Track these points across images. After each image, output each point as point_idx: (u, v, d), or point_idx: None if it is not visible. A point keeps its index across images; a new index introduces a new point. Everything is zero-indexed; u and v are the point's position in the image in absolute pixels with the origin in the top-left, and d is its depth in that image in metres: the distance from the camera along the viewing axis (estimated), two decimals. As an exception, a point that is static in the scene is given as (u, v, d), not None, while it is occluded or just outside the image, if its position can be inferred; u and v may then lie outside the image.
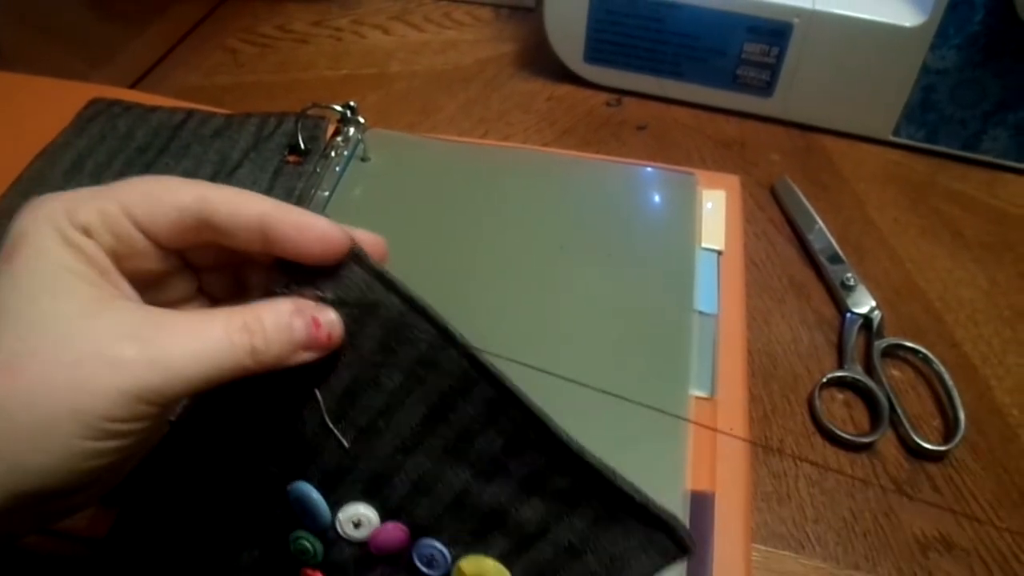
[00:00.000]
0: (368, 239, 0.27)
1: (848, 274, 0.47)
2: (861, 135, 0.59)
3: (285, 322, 0.24)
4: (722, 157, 0.58)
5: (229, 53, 0.68)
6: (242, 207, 0.25)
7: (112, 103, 0.54)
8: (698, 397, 0.39)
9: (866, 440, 0.40)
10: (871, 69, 0.55)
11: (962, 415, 0.41)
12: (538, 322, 0.41)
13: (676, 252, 0.45)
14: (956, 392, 0.42)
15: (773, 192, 0.54)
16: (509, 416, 0.25)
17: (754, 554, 0.36)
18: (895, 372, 0.44)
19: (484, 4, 0.73)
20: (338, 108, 0.51)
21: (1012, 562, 0.36)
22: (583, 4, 0.59)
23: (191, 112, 0.54)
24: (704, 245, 0.45)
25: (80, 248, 0.23)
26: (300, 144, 0.50)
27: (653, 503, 0.25)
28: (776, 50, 0.56)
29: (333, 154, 0.49)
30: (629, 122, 0.61)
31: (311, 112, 0.51)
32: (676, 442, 0.36)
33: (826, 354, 0.45)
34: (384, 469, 0.27)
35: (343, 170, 0.49)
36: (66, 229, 0.23)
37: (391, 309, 0.25)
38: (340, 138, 0.50)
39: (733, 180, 0.50)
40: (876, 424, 0.41)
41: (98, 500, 0.24)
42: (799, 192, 0.53)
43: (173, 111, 0.54)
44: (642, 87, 0.62)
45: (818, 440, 0.41)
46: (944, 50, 0.52)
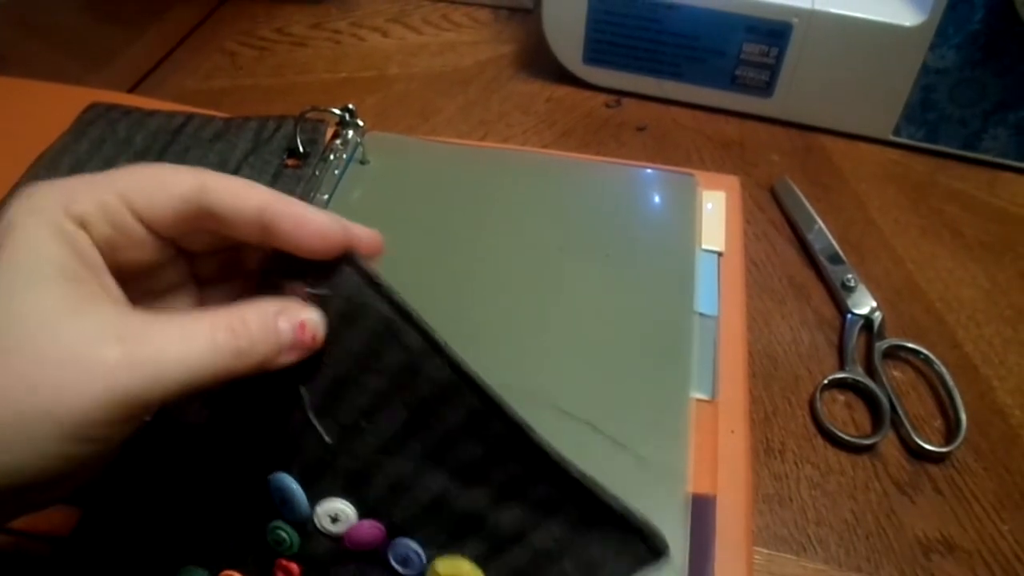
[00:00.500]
0: (365, 234, 0.27)
1: (849, 275, 0.47)
2: (861, 135, 0.59)
3: (271, 324, 0.24)
4: (722, 158, 0.58)
5: (227, 56, 0.68)
6: (242, 197, 0.25)
7: (110, 107, 0.54)
8: (699, 399, 0.39)
9: (867, 442, 0.40)
10: (871, 69, 0.55)
11: (963, 416, 0.40)
12: (538, 324, 0.41)
13: (676, 254, 0.45)
14: (957, 393, 0.41)
15: (773, 193, 0.54)
16: (492, 426, 0.25)
17: (755, 557, 0.36)
18: (896, 373, 0.44)
19: (482, 6, 0.73)
20: (337, 111, 0.51)
21: (1015, 563, 0.36)
22: (582, 5, 0.58)
23: (190, 116, 0.54)
24: (704, 246, 0.45)
25: (71, 242, 0.23)
26: (299, 147, 0.50)
27: (631, 513, 0.25)
28: (775, 50, 0.56)
29: (332, 157, 0.49)
30: (628, 123, 0.60)
31: (310, 115, 0.51)
32: (677, 445, 0.36)
33: (827, 355, 0.45)
34: (364, 467, 0.27)
35: (342, 173, 0.49)
36: (60, 220, 0.23)
37: (380, 313, 0.26)
38: (339, 141, 0.50)
39: (733, 181, 0.50)
40: (877, 425, 0.41)
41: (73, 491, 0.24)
42: (799, 192, 0.53)
43: (172, 115, 0.54)
44: (641, 88, 0.62)
45: (819, 442, 0.41)
46: (944, 49, 0.52)
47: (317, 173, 0.48)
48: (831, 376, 0.43)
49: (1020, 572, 0.36)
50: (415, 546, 0.27)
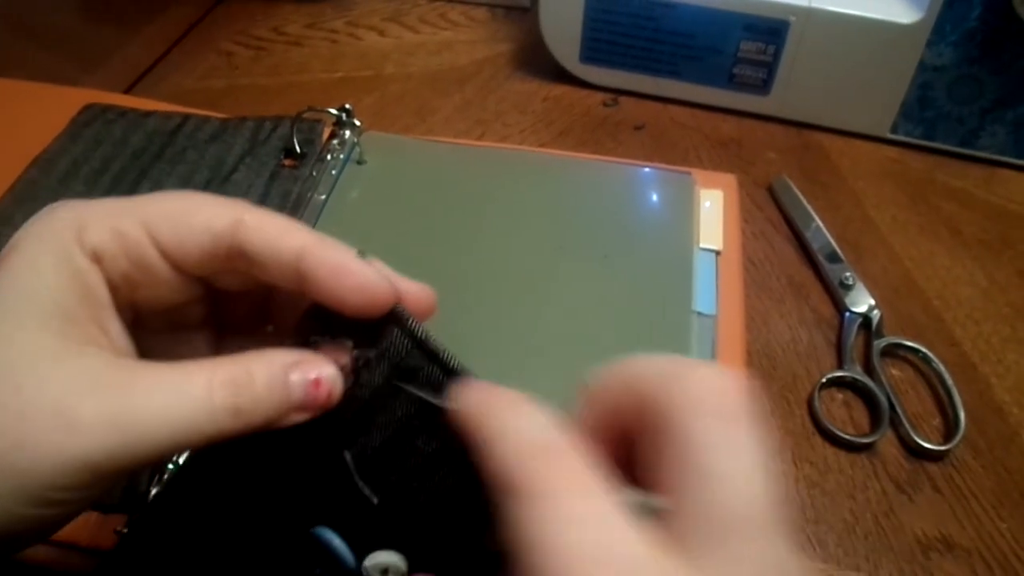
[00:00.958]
0: (413, 289, 0.24)
1: (847, 273, 0.47)
2: (858, 133, 0.59)
3: (279, 379, 0.21)
4: (719, 156, 0.57)
5: (224, 56, 0.67)
6: (281, 238, 0.22)
7: (106, 108, 0.54)
8: (697, 399, 0.38)
9: (866, 440, 0.40)
10: (868, 66, 0.55)
11: (962, 414, 0.40)
12: (535, 323, 0.41)
13: (674, 252, 0.45)
14: (956, 391, 0.41)
15: (771, 191, 0.54)
16: None
17: (755, 556, 0.36)
18: (895, 371, 0.44)
19: (479, 4, 0.73)
20: (333, 111, 0.51)
21: (1013, 561, 0.36)
22: (579, 4, 0.58)
23: (186, 117, 0.54)
24: (702, 245, 0.45)
25: (77, 275, 0.21)
26: (296, 148, 0.50)
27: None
28: (772, 48, 0.56)
29: (329, 157, 0.49)
30: (626, 122, 0.60)
31: (307, 115, 0.51)
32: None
33: (825, 354, 0.45)
34: (414, 525, 0.26)
35: (339, 173, 0.49)
36: (70, 249, 0.21)
37: (431, 378, 0.23)
38: (336, 141, 0.50)
39: (730, 179, 0.50)
40: (876, 424, 0.41)
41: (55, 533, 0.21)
42: (797, 191, 0.53)
43: (168, 116, 0.54)
44: (639, 87, 0.62)
45: (818, 441, 0.41)
46: (941, 47, 0.52)
47: (314, 173, 0.48)
48: (829, 375, 0.43)
49: (1019, 570, 0.36)
50: None
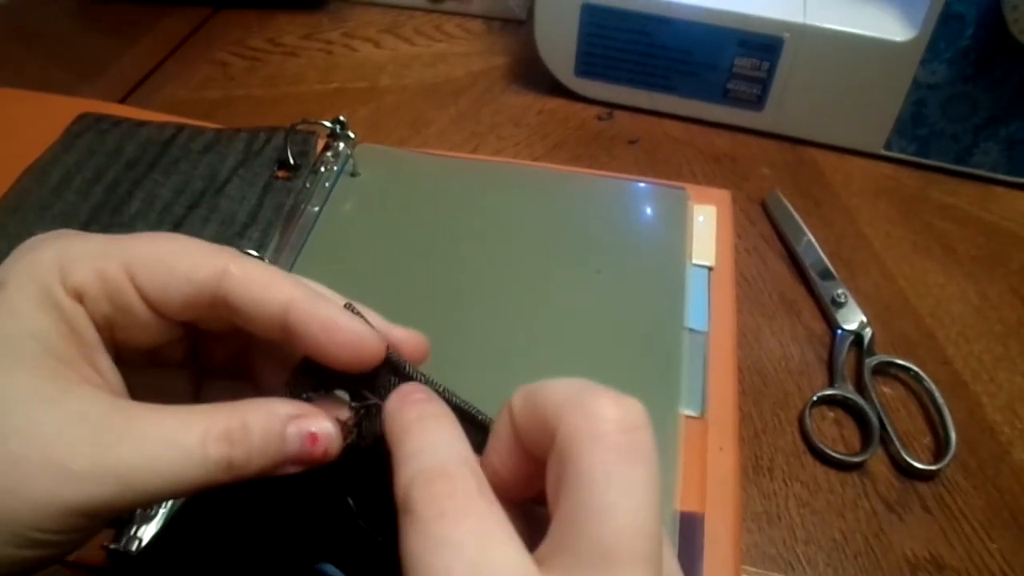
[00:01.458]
0: (405, 337, 0.24)
1: (839, 290, 0.47)
2: (852, 149, 0.59)
3: (276, 432, 0.21)
4: (713, 171, 0.58)
5: (219, 67, 0.67)
6: (267, 291, 0.22)
7: (101, 118, 0.54)
8: (688, 416, 0.38)
9: (856, 459, 0.40)
10: (862, 83, 0.55)
11: (953, 433, 0.40)
12: (526, 338, 0.41)
13: (666, 268, 0.45)
14: (947, 410, 0.41)
15: (764, 206, 0.54)
16: None
17: None
18: (886, 389, 0.44)
19: (475, 17, 0.73)
20: (328, 123, 0.51)
21: (1004, 582, 0.36)
22: (574, 18, 0.59)
23: (180, 127, 0.54)
24: (695, 261, 0.45)
25: (63, 315, 0.21)
26: (290, 159, 0.50)
27: None
28: (767, 64, 0.56)
29: (323, 169, 0.49)
30: (620, 136, 0.60)
31: (301, 127, 0.51)
32: (666, 462, 0.36)
33: (817, 371, 0.45)
34: None
35: (333, 185, 0.49)
36: (53, 289, 0.21)
37: None
38: (330, 153, 0.50)
39: (724, 195, 0.50)
40: (867, 443, 0.41)
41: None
42: (790, 206, 0.53)
43: (162, 126, 0.54)
44: (633, 101, 0.62)
45: (808, 459, 0.41)
46: (935, 64, 0.52)
47: (308, 185, 0.48)
48: (820, 392, 0.43)
49: (1009, 591, 0.36)
50: None
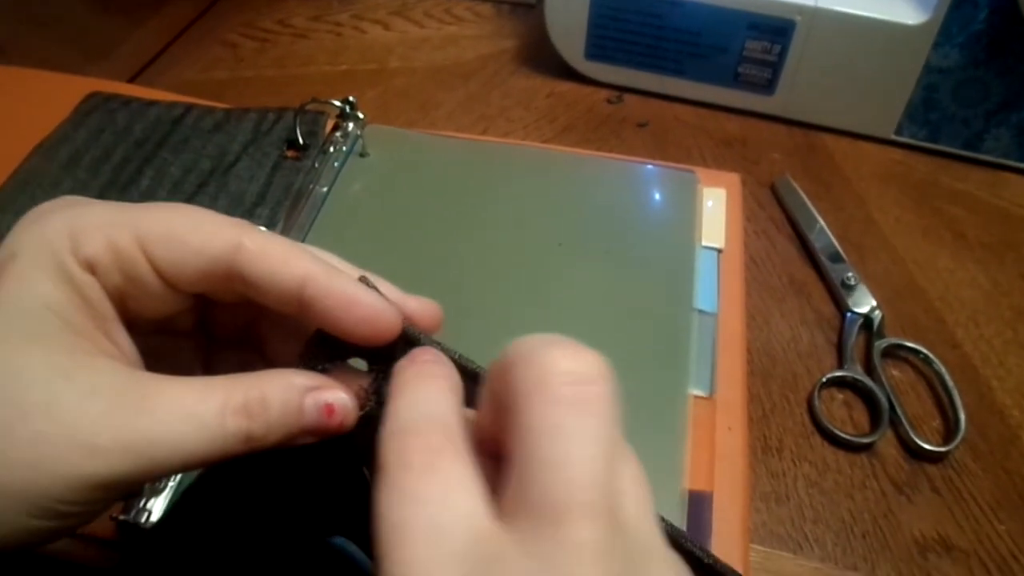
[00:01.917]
0: (419, 307, 0.24)
1: (849, 273, 0.47)
2: (863, 134, 0.58)
3: (294, 404, 0.21)
4: (723, 155, 0.57)
5: (228, 48, 0.67)
6: (283, 266, 0.22)
7: (110, 97, 0.54)
8: (697, 396, 0.38)
9: (866, 440, 0.40)
10: (873, 67, 0.55)
11: (962, 416, 0.40)
12: (536, 319, 0.41)
13: (676, 250, 0.45)
14: (956, 393, 0.41)
15: (774, 190, 0.54)
16: None
17: (752, 554, 0.36)
18: (895, 372, 0.44)
19: (485, 0, 0.73)
20: (337, 103, 0.51)
21: (1012, 563, 0.36)
22: (584, 1, 0.58)
23: (190, 106, 0.54)
24: (704, 243, 0.45)
25: (76, 286, 0.20)
26: (299, 139, 0.50)
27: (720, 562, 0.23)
28: (778, 48, 0.56)
29: (332, 149, 0.49)
30: (630, 119, 0.60)
31: (310, 107, 0.51)
32: (675, 441, 0.36)
33: (826, 354, 0.44)
34: None
35: (342, 165, 0.49)
36: (65, 260, 0.20)
37: None
38: (339, 133, 0.50)
39: (734, 178, 0.50)
40: (876, 424, 0.41)
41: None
42: (800, 191, 0.53)
43: (171, 105, 0.54)
44: (643, 84, 0.62)
45: (817, 440, 0.41)
46: (947, 49, 0.52)
47: (316, 165, 0.48)
48: (830, 374, 0.43)
49: (1017, 572, 0.36)
50: None
